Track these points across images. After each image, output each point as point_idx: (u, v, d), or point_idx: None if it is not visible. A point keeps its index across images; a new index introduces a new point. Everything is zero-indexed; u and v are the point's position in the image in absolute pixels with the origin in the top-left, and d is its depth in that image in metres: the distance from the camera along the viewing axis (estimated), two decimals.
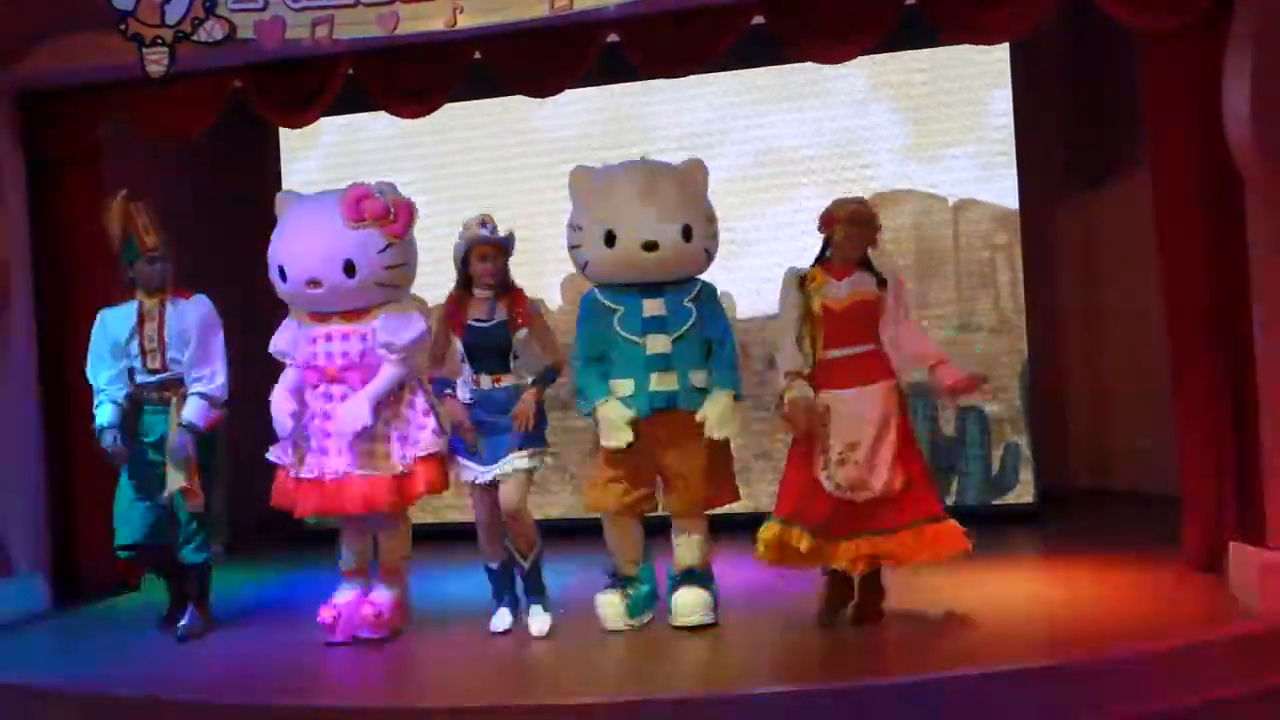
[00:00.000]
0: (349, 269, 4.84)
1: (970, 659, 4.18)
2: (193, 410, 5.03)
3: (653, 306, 4.79)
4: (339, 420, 4.83)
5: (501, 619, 4.97)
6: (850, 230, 4.62)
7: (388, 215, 4.89)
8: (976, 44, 5.93)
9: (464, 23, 5.35)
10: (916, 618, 4.81)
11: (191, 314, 5.12)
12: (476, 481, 4.86)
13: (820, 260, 4.73)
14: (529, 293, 5.04)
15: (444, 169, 7.43)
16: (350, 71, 5.89)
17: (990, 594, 5.08)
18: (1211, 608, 4.61)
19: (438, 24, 5.37)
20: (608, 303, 4.85)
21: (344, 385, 4.89)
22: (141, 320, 5.12)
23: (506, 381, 4.83)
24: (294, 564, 6.76)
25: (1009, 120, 6.84)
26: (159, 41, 5.56)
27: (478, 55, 5.78)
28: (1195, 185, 5.07)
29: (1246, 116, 4.67)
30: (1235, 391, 5.01)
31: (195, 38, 5.52)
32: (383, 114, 6.24)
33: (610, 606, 4.85)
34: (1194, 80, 5.01)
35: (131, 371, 5.15)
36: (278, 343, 5.03)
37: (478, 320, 4.82)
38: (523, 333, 4.84)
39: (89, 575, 6.19)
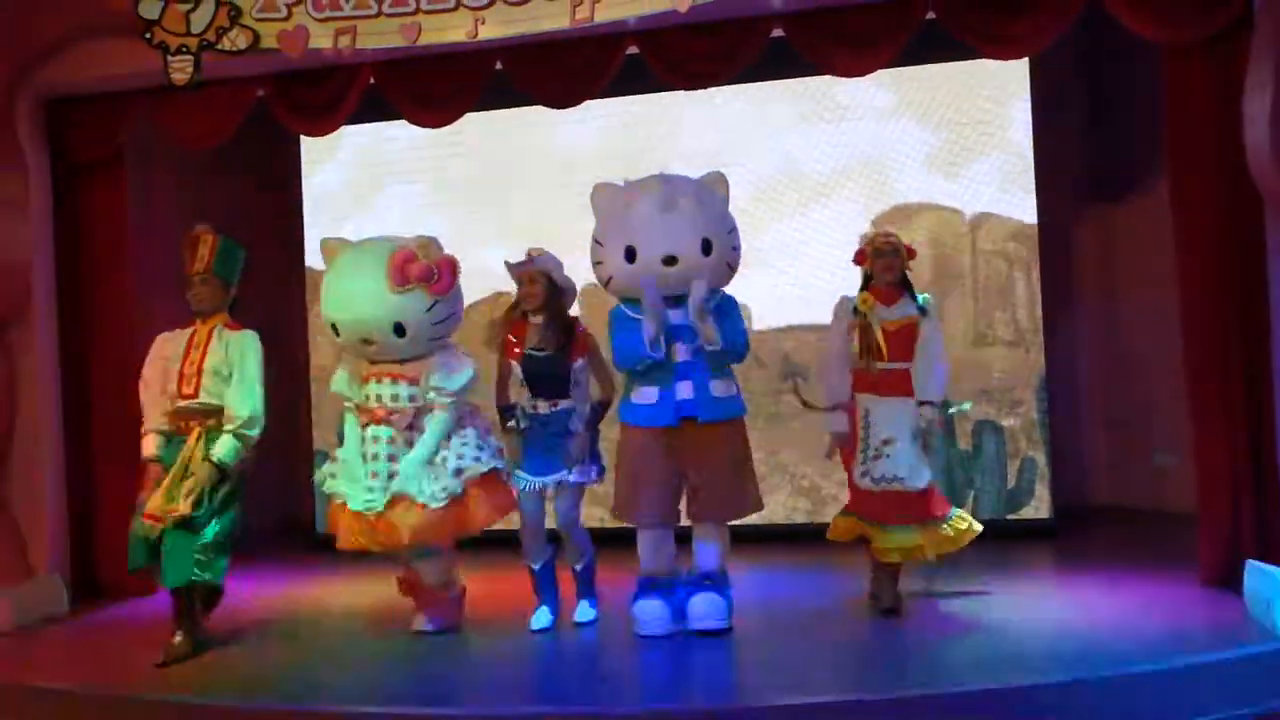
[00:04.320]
0: (399, 330, 5.01)
1: (984, 674, 4.17)
2: (224, 448, 4.93)
3: (677, 316, 4.81)
4: (402, 477, 4.93)
5: (542, 617, 5.13)
6: (878, 262, 5.11)
7: (431, 276, 5.00)
8: (997, 58, 5.93)
9: (485, 34, 5.38)
10: (931, 632, 4.82)
11: (235, 348, 5.04)
12: (525, 490, 5.08)
13: (866, 287, 5.14)
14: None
15: (463, 178, 7.48)
16: (372, 81, 5.94)
17: (1005, 609, 5.08)
18: (1227, 625, 4.59)
19: (459, 35, 5.41)
20: (633, 315, 4.86)
21: (390, 427, 5.02)
22: (189, 346, 5.08)
23: (563, 404, 5.04)
24: (308, 569, 6.81)
25: (1027, 134, 6.84)
26: (184, 50, 5.61)
27: (499, 66, 5.83)
28: (1214, 200, 5.07)
29: (1266, 131, 4.67)
30: (1253, 408, 5.00)
31: (219, 47, 5.58)
32: (404, 123, 6.28)
33: (649, 612, 4.86)
34: (1213, 95, 5.02)
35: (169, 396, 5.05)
36: (338, 384, 5.23)
37: (535, 349, 5.00)
38: (579, 363, 5.03)
39: (108, 578, 6.23)
